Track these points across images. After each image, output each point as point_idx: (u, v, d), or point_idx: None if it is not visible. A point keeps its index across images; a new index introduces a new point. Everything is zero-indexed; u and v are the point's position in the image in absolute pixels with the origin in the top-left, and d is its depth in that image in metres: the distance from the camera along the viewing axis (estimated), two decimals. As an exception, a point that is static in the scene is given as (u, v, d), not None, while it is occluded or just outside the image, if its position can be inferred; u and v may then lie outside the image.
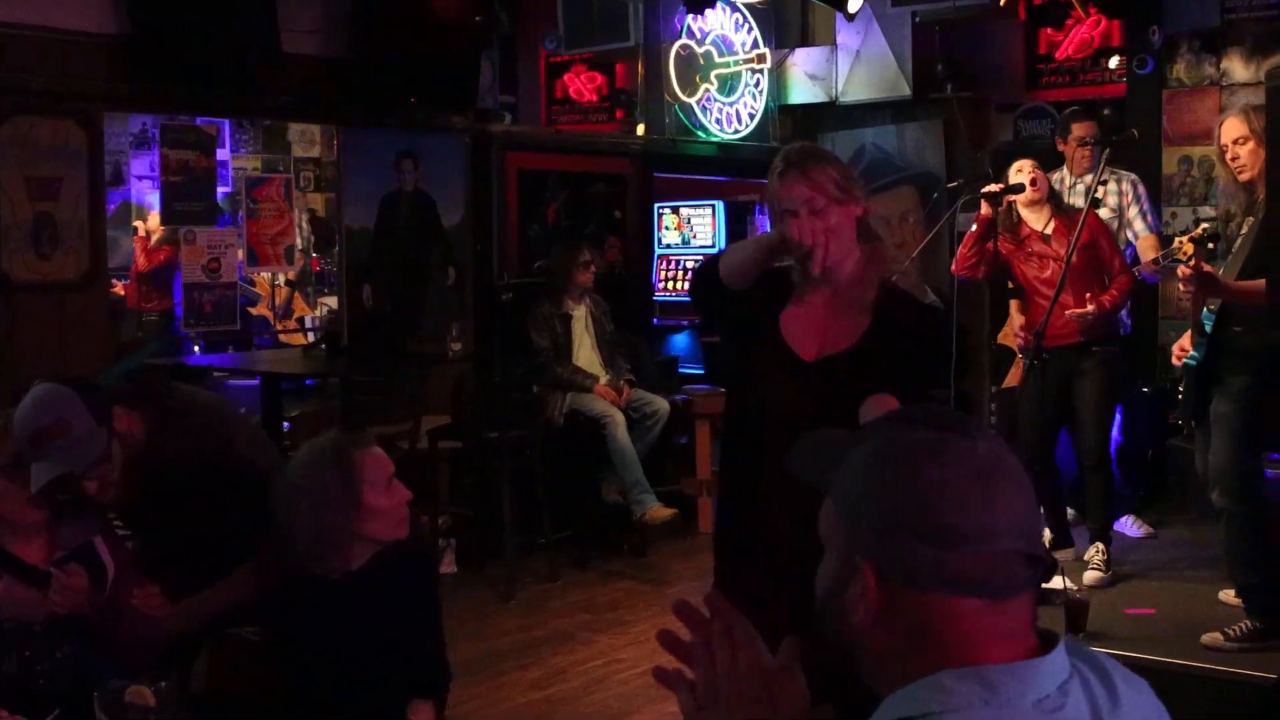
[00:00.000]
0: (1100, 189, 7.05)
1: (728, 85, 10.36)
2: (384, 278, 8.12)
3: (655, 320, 13.70)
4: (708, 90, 10.13)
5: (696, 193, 13.76)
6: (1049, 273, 6.17)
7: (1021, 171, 6.29)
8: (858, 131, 10.68)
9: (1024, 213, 6.32)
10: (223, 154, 12.85)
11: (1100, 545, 6.13)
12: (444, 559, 7.81)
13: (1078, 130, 6.91)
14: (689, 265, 13.78)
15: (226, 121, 10.35)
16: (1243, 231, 5.07)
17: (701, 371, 13.12)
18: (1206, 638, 5.03)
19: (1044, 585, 5.66)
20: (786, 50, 10.72)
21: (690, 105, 10.01)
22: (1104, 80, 9.56)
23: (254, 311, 11.24)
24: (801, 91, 10.71)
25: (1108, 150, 6.20)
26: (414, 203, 8.24)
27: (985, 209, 6.28)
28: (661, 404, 8.22)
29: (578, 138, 9.68)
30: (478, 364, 8.44)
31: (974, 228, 6.38)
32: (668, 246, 14.03)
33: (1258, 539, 4.97)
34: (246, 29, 6.78)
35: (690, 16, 9.94)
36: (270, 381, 7.82)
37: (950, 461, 1.52)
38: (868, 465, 1.57)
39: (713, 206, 13.66)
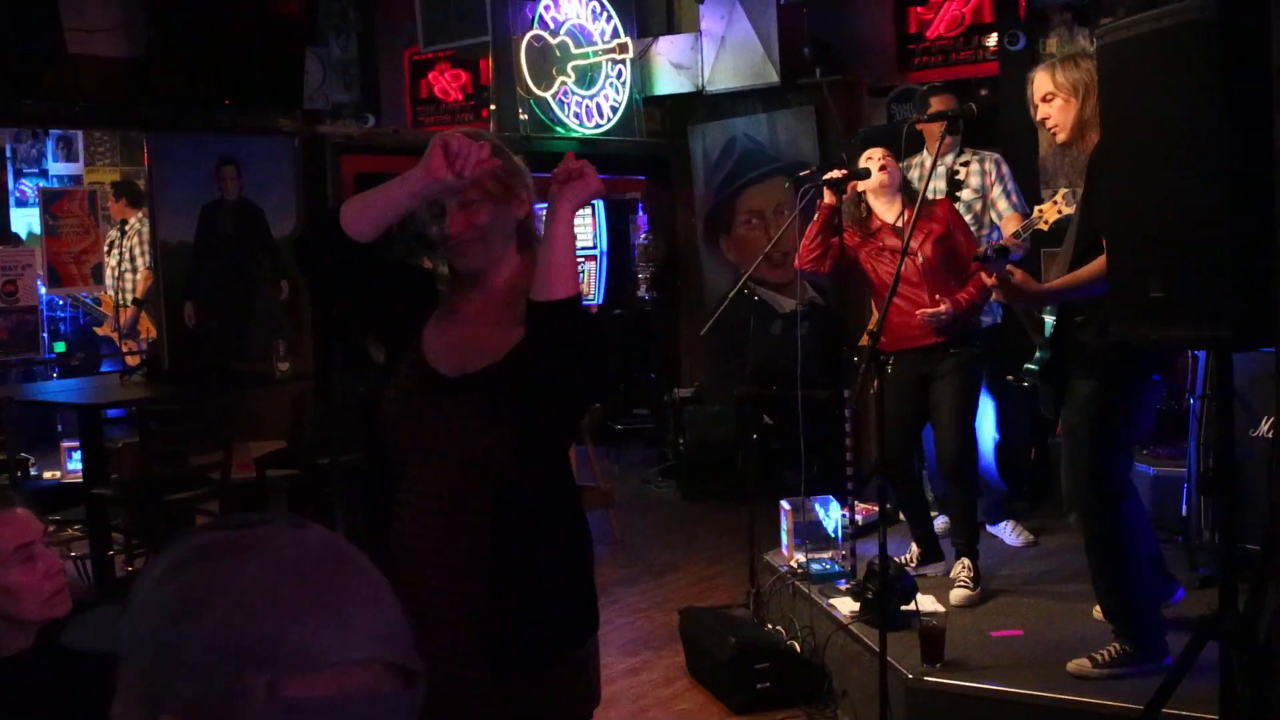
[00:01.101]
0: (962, 169, 6.60)
1: (587, 78, 9.81)
2: (207, 294, 7.51)
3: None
4: (564, 83, 9.58)
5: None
6: (885, 273, 5.69)
7: (871, 159, 5.80)
8: (728, 122, 10.20)
9: (874, 204, 5.82)
10: (74, 168, 12.20)
11: (966, 561, 5.64)
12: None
13: (936, 104, 6.45)
14: (571, 268, 13.24)
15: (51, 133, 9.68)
16: (1069, 204, 4.59)
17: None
18: (1072, 665, 4.54)
19: (903, 608, 5.17)
20: (650, 39, 10.18)
21: (545, 100, 9.45)
22: (978, 58, 9.09)
23: (100, 332, 10.55)
24: (668, 82, 10.19)
25: (960, 124, 5.74)
26: (238, 212, 7.64)
27: (828, 197, 5.78)
28: (512, 419, 7.63)
29: (417, 138, 9.06)
30: (319, 383, 7.83)
31: (815, 217, 5.88)
32: (549, 249, 13.50)
33: (1123, 563, 4.47)
34: (21, 29, 6.14)
35: (543, 6, 9.38)
36: (90, 411, 7.17)
37: (269, 560, 1.10)
38: (160, 590, 1.10)
39: (593, 205, 13.13)
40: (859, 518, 6.88)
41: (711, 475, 9.56)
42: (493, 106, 9.24)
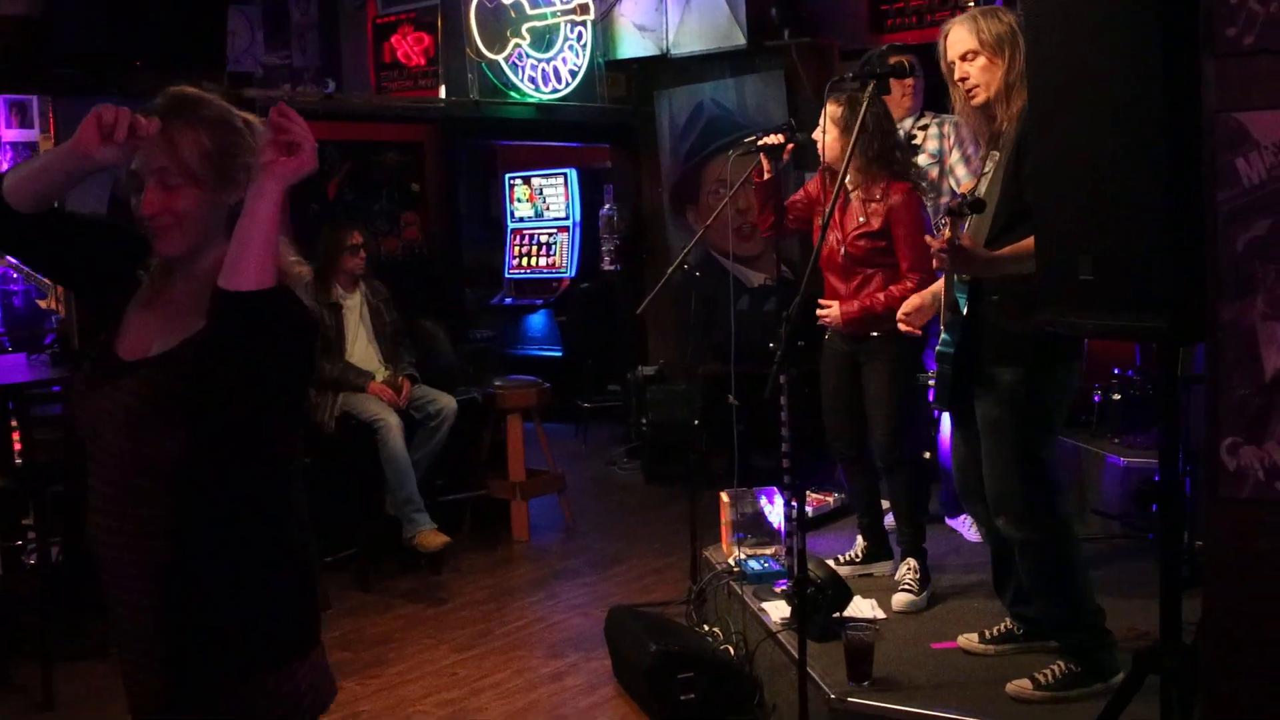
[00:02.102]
0: (919, 133, 6.15)
1: (544, 40, 9.33)
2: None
3: (509, 300, 12.81)
4: (519, 46, 9.10)
5: (550, 160, 12.79)
6: (824, 250, 5.20)
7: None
8: (695, 87, 9.73)
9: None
10: (29, 134, 11.72)
11: (912, 562, 5.19)
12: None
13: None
14: (543, 239, 12.82)
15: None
16: (986, 171, 4.10)
17: (559, 354, 12.21)
18: (1012, 687, 4.08)
19: (835, 614, 4.72)
20: (613, 0, 9.67)
21: (498, 63, 8.96)
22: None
23: (43, 305, 10.09)
24: (631, 45, 9.70)
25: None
26: (156, 183, 7.13)
27: (765, 166, 5.31)
28: (447, 402, 7.20)
29: (352, 104, 8.58)
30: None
31: (754, 190, 5.43)
32: (520, 220, 13.11)
33: (1068, 569, 4.01)
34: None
35: (496, -36, 8.90)
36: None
37: None
38: None
39: (565, 175, 12.70)
40: (808, 509, 6.43)
41: (674, 457, 9.11)
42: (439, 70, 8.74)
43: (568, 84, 9.45)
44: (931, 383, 4.39)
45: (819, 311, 5.15)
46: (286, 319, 2.26)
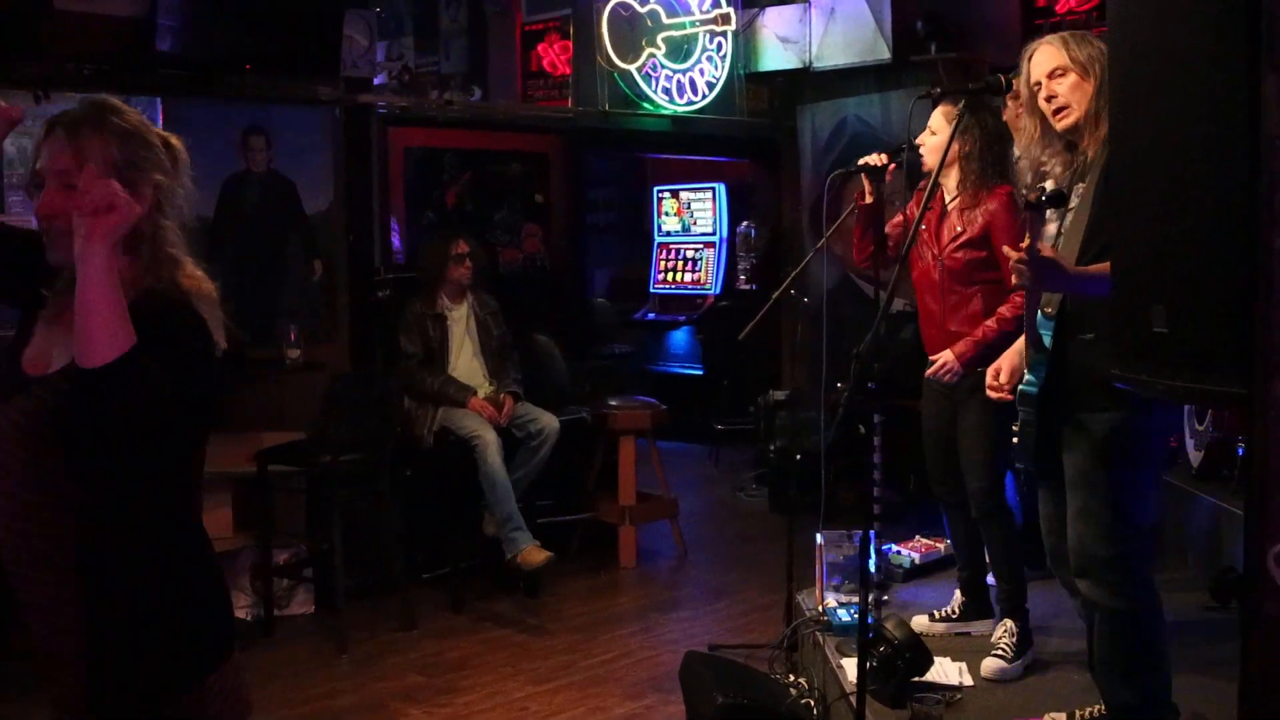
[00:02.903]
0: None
1: (681, 50, 9.02)
2: (226, 273, 6.89)
3: (651, 315, 12.55)
4: (653, 56, 8.80)
5: (701, 174, 12.50)
6: (918, 268, 4.83)
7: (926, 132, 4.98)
8: (839, 102, 9.36)
9: (944, 180, 4.96)
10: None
11: (1009, 624, 4.75)
12: (294, 599, 6.67)
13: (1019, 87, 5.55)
14: (689, 255, 12.55)
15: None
16: (1071, 205, 3.66)
17: (700, 372, 11.91)
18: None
19: (916, 678, 4.33)
20: (755, 10, 9.35)
21: (631, 73, 8.69)
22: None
23: None
24: (773, 57, 9.37)
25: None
26: (266, 185, 7.06)
27: (867, 188, 4.94)
28: (548, 421, 6.94)
29: (473, 112, 8.38)
30: (357, 372, 7.23)
31: (855, 216, 5.06)
32: (668, 234, 12.86)
33: (1144, 650, 3.57)
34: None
35: (632, -30, 8.63)
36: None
37: None
38: None
39: (713, 190, 12.41)
40: (914, 556, 6.02)
41: (801, 486, 8.73)
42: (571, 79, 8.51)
43: (705, 96, 9.14)
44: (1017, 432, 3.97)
45: (930, 369, 4.77)
46: (140, 380, 2.17)
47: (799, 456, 7.02)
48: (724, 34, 9.18)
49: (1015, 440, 3.76)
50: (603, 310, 12.22)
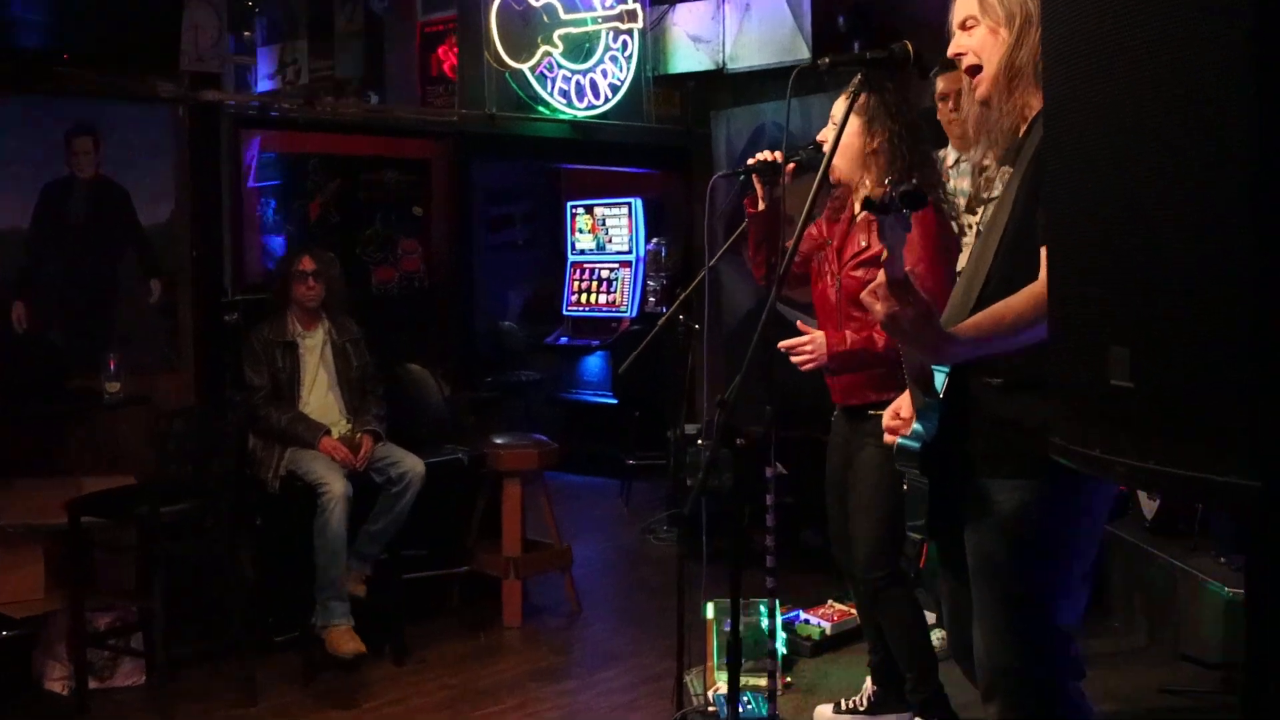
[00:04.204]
0: (948, 174, 5.00)
1: (581, 49, 8.22)
2: (45, 293, 6.04)
3: (564, 339, 11.73)
4: (549, 55, 7.98)
5: (616, 189, 11.67)
6: (817, 289, 4.06)
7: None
8: (756, 107, 8.57)
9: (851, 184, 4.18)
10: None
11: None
12: (119, 669, 5.77)
13: (941, 85, 4.90)
14: (604, 275, 11.71)
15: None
16: (992, 196, 2.87)
17: (612, 401, 11.10)
18: None
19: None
20: (664, 7, 8.55)
21: (523, 73, 7.86)
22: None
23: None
24: (685, 58, 8.58)
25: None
26: (94, 194, 6.18)
27: (759, 192, 4.13)
28: (412, 464, 6.08)
29: (337, 112, 7.53)
30: (190, 408, 6.35)
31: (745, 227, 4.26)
32: (581, 253, 12.01)
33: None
34: None
35: (525, -39, 7.82)
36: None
37: None
38: None
39: (629, 205, 11.56)
40: (825, 626, 5.21)
41: (714, 530, 7.91)
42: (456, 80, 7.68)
43: (608, 100, 8.35)
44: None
45: (794, 355, 3.95)
46: None
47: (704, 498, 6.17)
48: (629, 32, 8.39)
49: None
50: (510, 334, 11.40)
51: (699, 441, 5.19)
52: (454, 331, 7.69)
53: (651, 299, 10.19)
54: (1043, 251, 2.48)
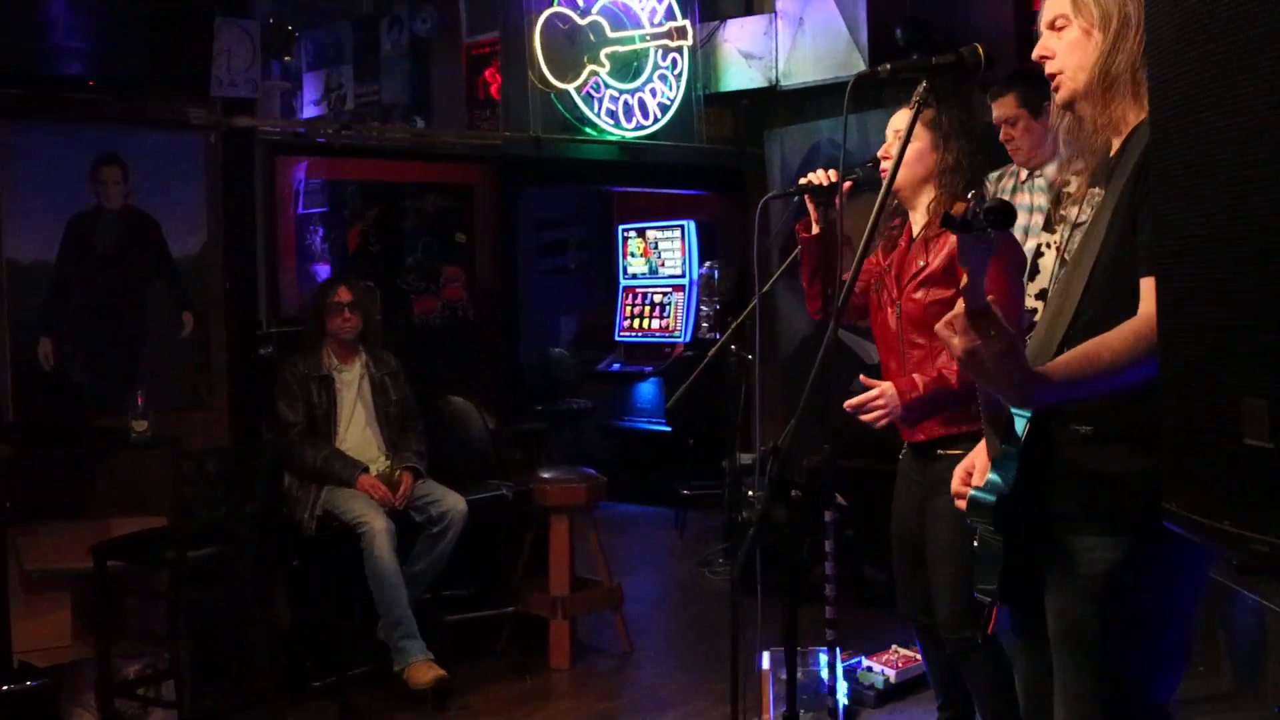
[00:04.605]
0: (1022, 190, 4.73)
1: (629, 68, 7.96)
2: (73, 327, 5.83)
3: (616, 366, 11.48)
4: (596, 74, 7.72)
5: (669, 211, 11.39)
6: (877, 320, 3.75)
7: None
8: (810, 125, 8.28)
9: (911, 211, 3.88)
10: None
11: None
12: (149, 718, 5.52)
13: (995, 112, 4.65)
14: (657, 299, 11.44)
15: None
16: (1080, 221, 2.57)
17: (666, 429, 10.81)
18: None
19: None
20: (716, 23, 8.28)
21: (569, 94, 7.60)
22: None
23: None
24: (738, 75, 8.32)
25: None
26: (123, 224, 5.96)
27: (812, 215, 3.82)
28: (454, 503, 5.82)
29: (384, 137, 7.30)
30: (235, 445, 6.13)
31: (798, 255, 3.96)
32: (633, 277, 11.74)
33: None
34: None
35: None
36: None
37: None
38: None
39: (682, 227, 11.28)
40: (889, 673, 4.88)
41: (772, 564, 7.59)
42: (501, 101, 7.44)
43: (657, 120, 8.09)
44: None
45: (864, 414, 3.64)
46: None
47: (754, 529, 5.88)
48: (679, 50, 8.14)
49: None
50: (561, 362, 11.13)
51: (750, 493, 4.87)
52: (499, 362, 7.42)
53: (705, 324, 9.89)
54: (1145, 284, 2.18)
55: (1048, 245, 2.96)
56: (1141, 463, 2.30)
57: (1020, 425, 2.46)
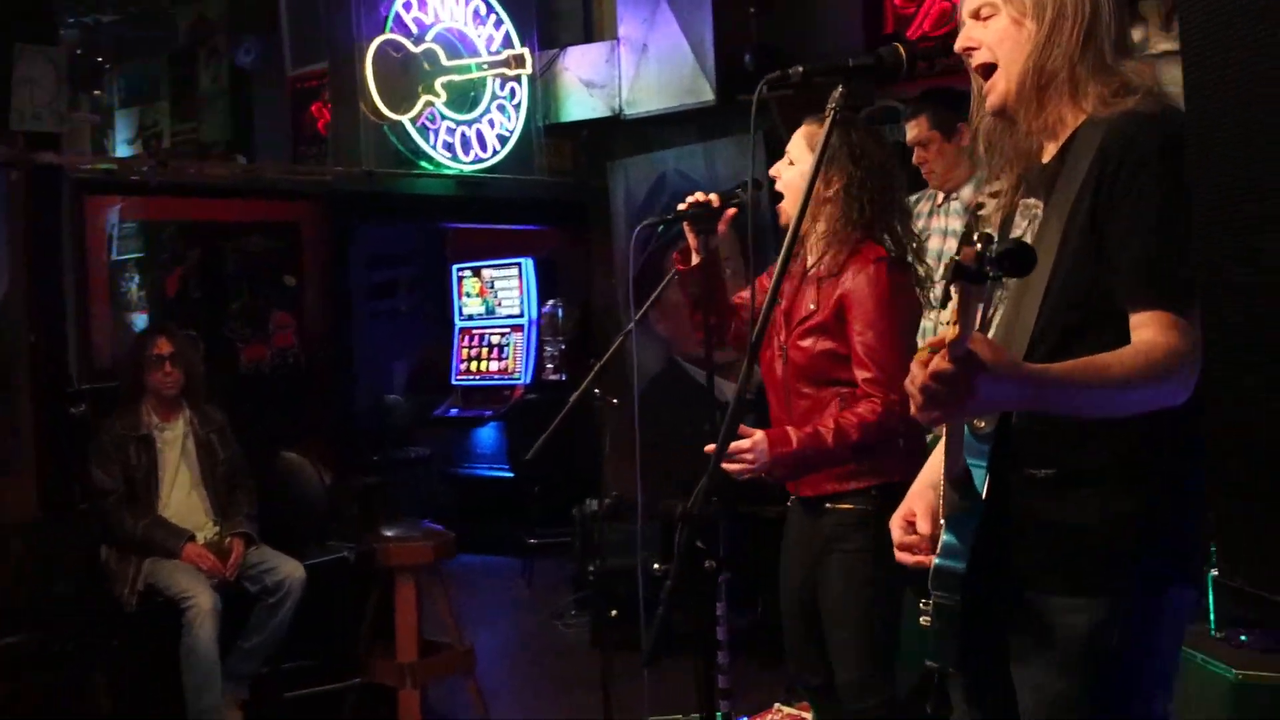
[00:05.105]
0: (939, 214, 4.49)
1: (466, 98, 7.59)
2: None
3: (454, 411, 11.05)
4: (431, 104, 7.34)
5: (506, 248, 11.01)
6: (765, 359, 3.43)
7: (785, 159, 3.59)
8: (656, 156, 8.00)
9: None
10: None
11: None
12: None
13: (908, 134, 4.42)
14: (495, 340, 11.03)
15: None
16: (1015, 233, 2.29)
17: (508, 474, 10.41)
18: None
19: None
20: (555, 51, 7.97)
21: (403, 125, 7.19)
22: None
23: None
24: (578, 104, 8.00)
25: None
26: (-92, 272, 5.38)
27: (691, 243, 3.47)
28: (290, 570, 5.39)
29: (205, 174, 6.83)
30: (45, 517, 5.57)
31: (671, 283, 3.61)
32: (469, 318, 11.31)
33: None
34: None
35: (401, 3, 7.15)
36: None
37: None
38: None
39: (519, 265, 10.89)
40: (777, 738, 4.55)
41: (625, 614, 7.26)
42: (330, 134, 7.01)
43: (496, 152, 7.75)
44: (926, 609, 2.36)
45: (729, 462, 3.28)
46: None
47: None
48: (518, 79, 7.84)
49: (926, 624, 2.27)
50: (396, 409, 10.67)
51: (656, 567, 4.51)
52: (333, 412, 6.98)
53: (549, 365, 9.54)
54: (1146, 317, 1.91)
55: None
56: (1114, 508, 2.06)
57: (979, 478, 2.14)
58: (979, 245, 1.74)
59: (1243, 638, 4.08)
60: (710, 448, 3.27)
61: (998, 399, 1.94)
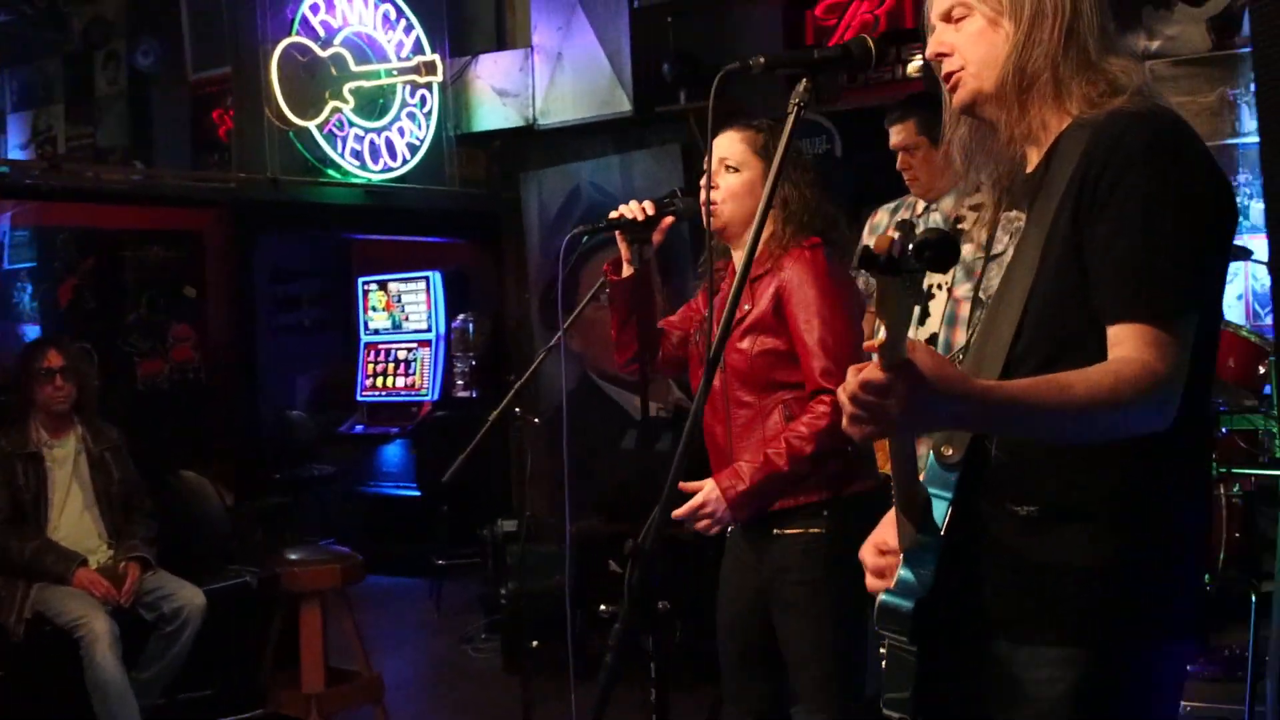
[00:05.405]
0: (969, 216, 4.28)
1: (375, 105, 7.38)
2: None
3: (359, 428, 10.80)
4: (338, 111, 7.11)
5: (413, 261, 10.77)
6: (697, 373, 3.26)
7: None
8: (570, 167, 7.85)
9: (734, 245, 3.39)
10: None
11: None
12: None
13: (893, 138, 4.27)
14: (402, 355, 10.78)
15: None
16: (996, 252, 2.12)
17: (416, 493, 10.18)
18: None
19: None
20: (467, 59, 7.79)
21: (309, 132, 6.96)
22: (898, 78, 6.66)
23: None
24: (491, 114, 7.82)
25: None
26: None
27: (624, 255, 3.29)
28: (189, 596, 5.17)
29: (101, 179, 6.57)
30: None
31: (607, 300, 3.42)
32: (375, 332, 11.06)
33: None
34: None
35: (308, 6, 6.91)
36: None
37: None
38: None
39: (427, 279, 10.65)
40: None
41: (543, 639, 7.06)
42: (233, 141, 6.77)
43: (406, 161, 7.55)
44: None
45: (691, 523, 3.10)
46: None
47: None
48: (429, 86, 7.66)
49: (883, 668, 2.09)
50: (300, 425, 10.39)
51: (602, 608, 4.32)
52: (236, 429, 6.73)
53: (460, 381, 9.33)
54: (1124, 330, 1.79)
55: (938, 286, 2.51)
56: (1104, 549, 1.87)
57: (940, 510, 1.95)
58: (894, 234, 1.56)
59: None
60: (678, 513, 3.08)
61: (938, 416, 1.74)
